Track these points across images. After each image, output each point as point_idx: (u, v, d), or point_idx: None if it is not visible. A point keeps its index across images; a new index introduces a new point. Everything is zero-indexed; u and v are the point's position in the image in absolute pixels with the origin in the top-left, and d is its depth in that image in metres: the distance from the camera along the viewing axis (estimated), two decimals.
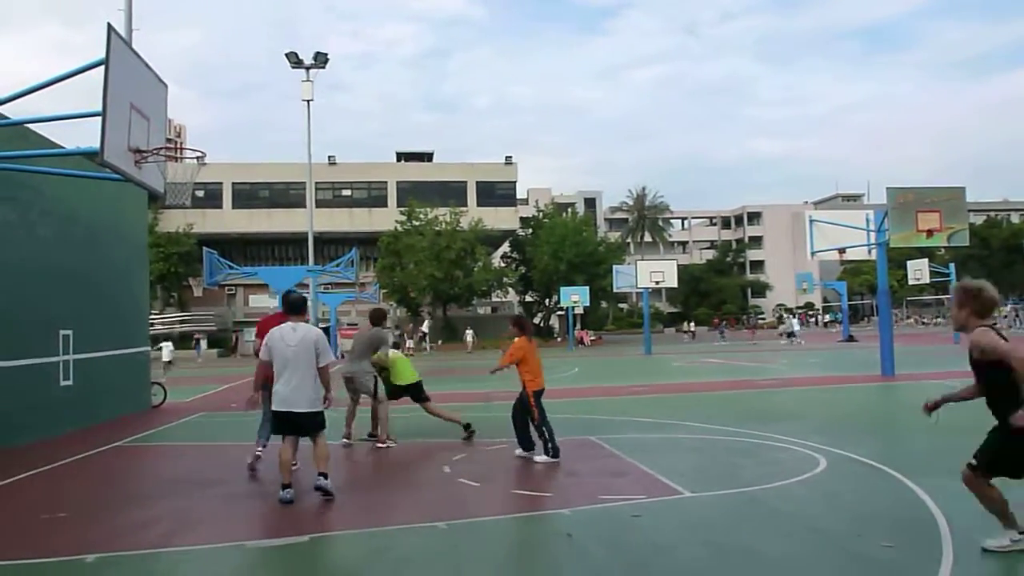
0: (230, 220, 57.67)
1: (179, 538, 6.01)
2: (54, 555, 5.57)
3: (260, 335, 9.74)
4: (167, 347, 28.27)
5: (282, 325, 7.31)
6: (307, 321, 7.70)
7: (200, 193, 51.72)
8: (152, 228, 44.31)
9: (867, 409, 13.82)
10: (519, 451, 9.13)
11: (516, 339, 9.14)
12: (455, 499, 7.14)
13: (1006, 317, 62.12)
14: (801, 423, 11.22)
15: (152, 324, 36.79)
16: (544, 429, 8.90)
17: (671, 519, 6.28)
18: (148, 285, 18.73)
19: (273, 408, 7.27)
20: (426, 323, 51.27)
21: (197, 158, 11.86)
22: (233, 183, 58.54)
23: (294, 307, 7.48)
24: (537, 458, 8.83)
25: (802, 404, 14.39)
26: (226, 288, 54.64)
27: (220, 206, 58.11)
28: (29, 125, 11.30)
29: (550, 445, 8.81)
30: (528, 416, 9.00)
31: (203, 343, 47.58)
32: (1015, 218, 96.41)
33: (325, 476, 7.07)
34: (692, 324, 63.80)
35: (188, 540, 5.95)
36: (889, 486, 7.12)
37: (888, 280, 20.73)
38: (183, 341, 46.76)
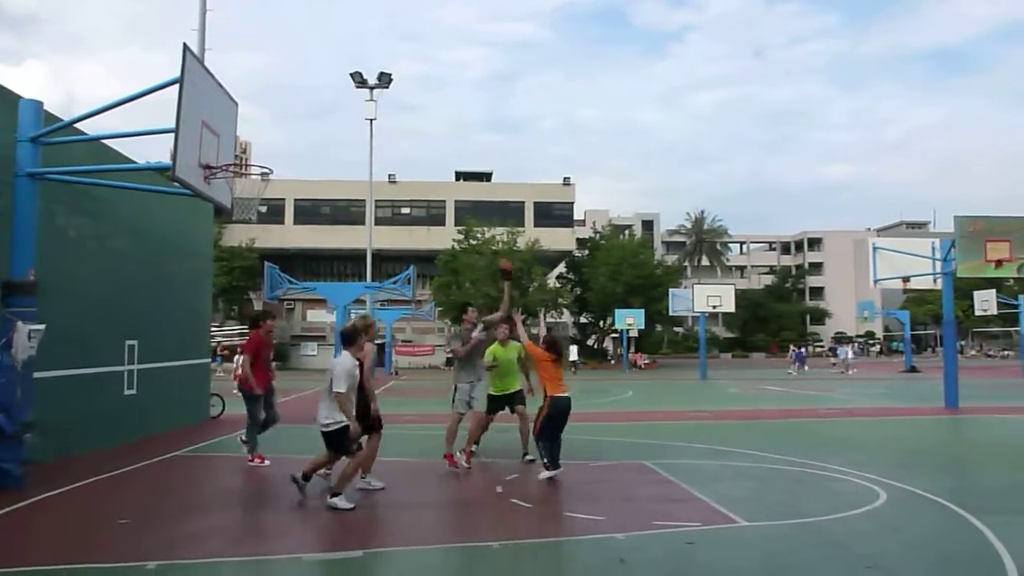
0: (291, 236, 58.71)
1: (237, 548, 6.13)
2: (116, 561, 5.72)
3: (251, 352, 10.42)
4: (239, 361, 28.37)
5: (348, 355, 7.81)
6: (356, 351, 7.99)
7: (264, 209, 52.79)
8: (216, 242, 45.37)
9: (929, 442, 13.44)
10: (540, 471, 9.15)
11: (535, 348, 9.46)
12: (507, 520, 7.15)
13: None
14: (861, 454, 10.96)
15: (213, 337, 37.59)
16: (541, 444, 8.98)
17: (725, 547, 6.19)
18: (211, 298, 19.16)
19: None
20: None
21: (263, 174, 12.11)
22: (295, 199, 59.62)
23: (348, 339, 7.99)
24: (542, 475, 8.90)
25: (863, 435, 14.06)
26: (285, 302, 55.60)
27: (282, 222, 59.20)
28: (105, 141, 11.69)
29: (546, 458, 8.96)
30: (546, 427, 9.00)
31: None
32: None
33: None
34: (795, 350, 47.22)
35: (245, 551, 6.06)
36: (952, 522, 6.91)
37: (954, 310, 20.20)
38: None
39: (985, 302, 40.56)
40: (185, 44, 8.78)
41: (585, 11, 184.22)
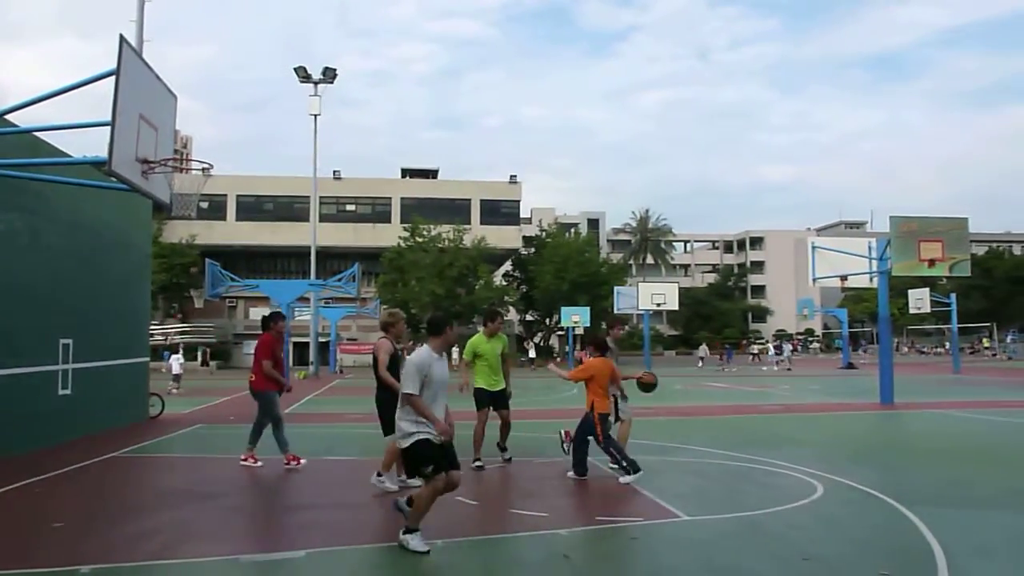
0: (234, 232, 57.77)
1: (174, 551, 6.00)
2: (48, 566, 5.55)
3: (270, 356, 9.92)
4: (176, 359, 27.72)
5: (424, 350, 6.16)
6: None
7: (204, 205, 51.88)
8: (156, 238, 44.42)
9: (865, 436, 13.78)
10: (571, 473, 9.03)
11: (591, 357, 9.17)
12: (452, 517, 7.13)
13: (1002, 344, 62.03)
14: (800, 449, 11.20)
15: (152, 335, 36.82)
16: (612, 450, 8.81)
17: (668, 542, 6.27)
18: (150, 296, 18.75)
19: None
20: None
21: (203, 169, 11.90)
22: (238, 195, 58.70)
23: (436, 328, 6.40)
24: (622, 479, 8.66)
25: (801, 430, 14.37)
26: (227, 300, 54.69)
27: (224, 218, 58.23)
28: (38, 134, 11.36)
29: (624, 463, 8.71)
30: (591, 437, 8.88)
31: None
32: (1017, 250, 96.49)
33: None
34: (704, 349, 54.11)
35: (183, 553, 5.94)
36: (886, 514, 7.10)
37: (889, 308, 20.73)
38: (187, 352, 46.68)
39: (919, 300, 41.71)
40: (122, 35, 8.58)
41: (530, 10, 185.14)
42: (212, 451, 11.76)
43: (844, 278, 22.57)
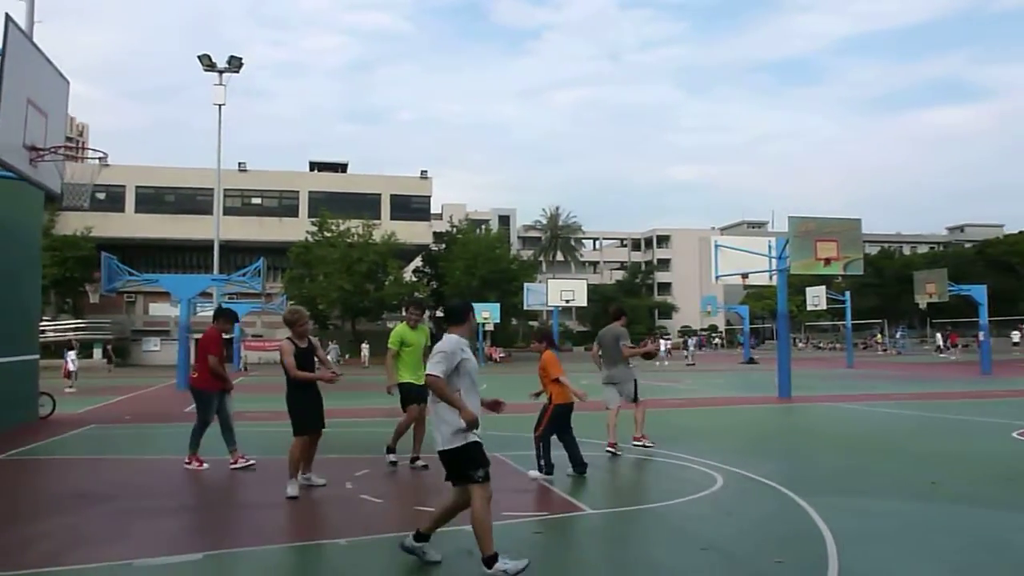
0: (132, 225, 55.76)
1: (64, 557, 5.74)
2: None
3: (213, 351, 9.35)
4: (71, 356, 26.44)
5: (453, 337, 5.54)
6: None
7: (101, 196, 49.89)
8: (47, 230, 42.45)
9: (764, 429, 14.24)
10: (534, 473, 8.71)
11: (546, 352, 8.93)
12: (357, 516, 7.05)
13: (892, 340, 65.08)
14: (702, 442, 11.51)
15: (44, 332, 35.20)
16: (542, 445, 8.66)
17: (572, 535, 6.34)
18: (40, 290, 17.90)
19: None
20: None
21: (99, 159, 11.45)
22: (137, 186, 56.71)
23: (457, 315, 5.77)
24: (531, 474, 8.64)
25: (703, 424, 14.75)
26: (125, 295, 52.72)
27: (123, 210, 56.18)
28: None
29: (542, 463, 8.61)
30: (547, 431, 8.71)
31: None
32: (907, 250, 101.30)
33: None
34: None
35: (73, 559, 5.69)
36: (781, 503, 7.34)
37: (788, 305, 21.46)
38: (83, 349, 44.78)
39: (816, 297, 43.35)
40: (8, 15, 8.17)
41: (445, 5, 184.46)
42: (106, 452, 11.32)
43: (746, 276, 23.27)
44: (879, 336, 70.27)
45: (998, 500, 7.49)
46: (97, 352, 47.31)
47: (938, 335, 57.17)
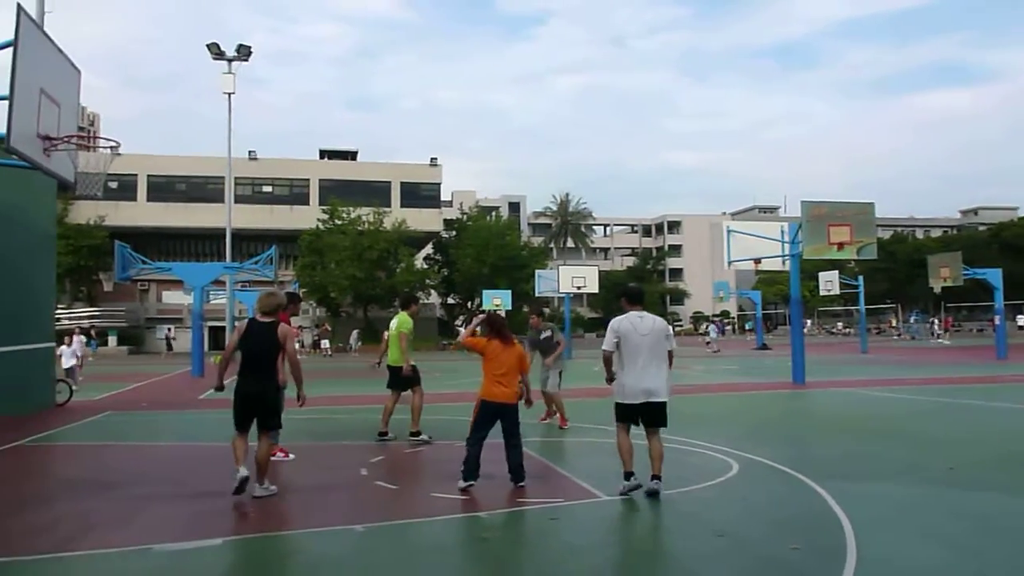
0: (144, 213, 55.93)
1: (81, 542, 5.78)
2: None
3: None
4: (78, 340, 24.47)
5: (629, 315, 7.32)
6: None
7: (113, 185, 50.04)
8: (61, 219, 42.66)
9: (778, 415, 14.21)
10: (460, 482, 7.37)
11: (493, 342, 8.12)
12: (371, 502, 7.07)
13: (906, 324, 64.76)
14: (716, 428, 11.47)
15: (59, 319, 35.36)
16: (470, 450, 7.43)
17: (587, 522, 6.33)
18: (55, 278, 17.98)
19: (623, 400, 7.27)
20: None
21: (111, 148, 11.44)
22: (148, 175, 56.82)
23: (637, 297, 7.66)
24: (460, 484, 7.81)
25: (717, 410, 14.72)
26: (138, 284, 52.99)
27: (134, 198, 56.34)
28: None
29: (465, 468, 7.37)
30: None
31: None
32: (919, 234, 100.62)
33: (659, 478, 6.92)
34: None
35: (91, 544, 5.73)
36: (797, 489, 7.32)
37: (800, 290, 21.36)
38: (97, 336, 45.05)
39: (829, 282, 43.07)
40: (19, 5, 8.17)
41: None
42: (122, 439, 11.39)
43: (758, 261, 23.18)
44: (892, 320, 69.91)
45: (1016, 486, 7.45)
46: (112, 339, 47.51)
47: (935, 320, 57.14)
